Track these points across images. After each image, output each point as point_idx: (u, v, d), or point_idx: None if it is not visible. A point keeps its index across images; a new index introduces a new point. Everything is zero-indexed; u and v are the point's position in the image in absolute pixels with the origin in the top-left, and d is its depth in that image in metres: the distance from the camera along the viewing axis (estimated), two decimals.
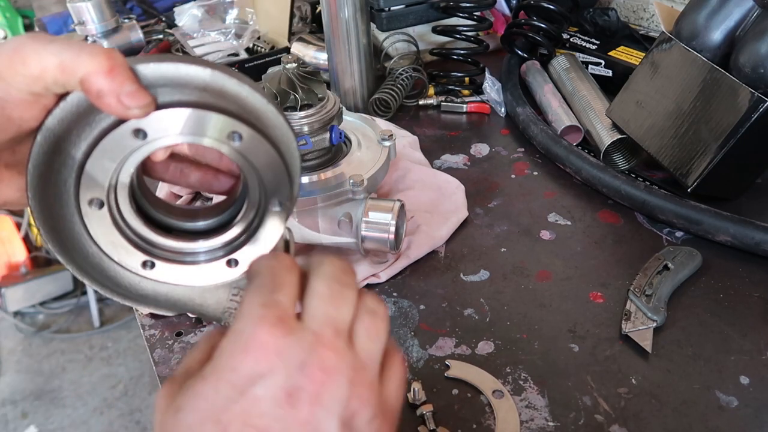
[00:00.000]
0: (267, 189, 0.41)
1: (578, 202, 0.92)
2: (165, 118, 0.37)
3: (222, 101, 0.39)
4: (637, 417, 0.61)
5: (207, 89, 0.38)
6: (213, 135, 0.38)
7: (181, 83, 0.38)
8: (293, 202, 0.43)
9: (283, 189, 0.42)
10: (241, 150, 0.39)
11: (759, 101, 0.77)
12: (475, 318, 0.74)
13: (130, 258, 0.43)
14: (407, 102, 1.20)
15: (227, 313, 0.46)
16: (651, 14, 1.34)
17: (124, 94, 0.35)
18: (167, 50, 1.47)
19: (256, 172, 0.41)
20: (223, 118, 0.38)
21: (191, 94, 0.38)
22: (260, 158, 0.40)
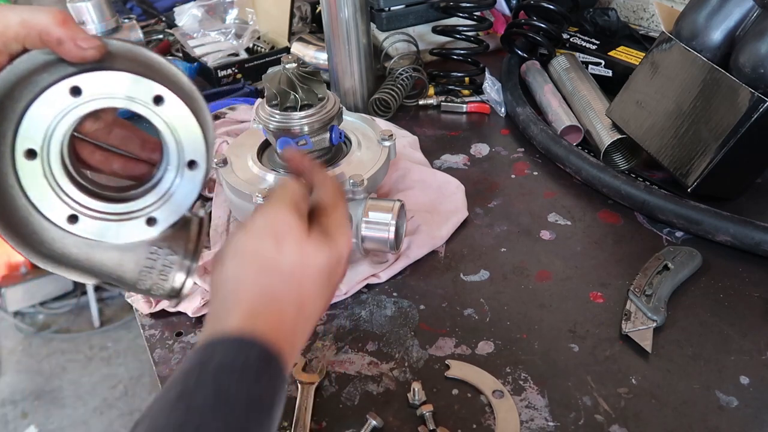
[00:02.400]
0: (184, 150, 0.47)
1: (578, 202, 0.92)
2: (99, 78, 0.43)
3: (148, 71, 0.45)
4: (637, 417, 0.61)
5: (135, 60, 0.46)
6: (140, 97, 0.44)
7: (115, 53, 0.45)
8: (209, 164, 0.49)
9: (198, 150, 0.47)
10: (163, 113, 0.46)
11: (759, 101, 0.77)
12: (475, 318, 0.74)
13: (57, 211, 0.46)
14: (407, 102, 1.20)
15: (144, 272, 0.51)
16: (651, 14, 1.34)
17: (80, 39, 0.43)
18: (167, 50, 1.47)
19: (175, 133, 0.47)
20: (149, 82, 0.44)
21: (122, 63, 0.45)
22: (178, 120, 0.46)
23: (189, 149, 0.47)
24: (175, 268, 0.52)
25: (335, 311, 0.76)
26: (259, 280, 0.46)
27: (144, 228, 0.49)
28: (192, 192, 0.49)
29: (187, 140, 0.47)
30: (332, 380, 0.67)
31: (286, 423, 0.63)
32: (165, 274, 0.52)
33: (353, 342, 0.72)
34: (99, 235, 0.48)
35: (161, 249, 0.51)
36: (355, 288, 0.78)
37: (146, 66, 0.46)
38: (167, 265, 0.51)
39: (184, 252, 0.51)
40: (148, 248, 0.51)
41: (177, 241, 0.51)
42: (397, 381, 0.67)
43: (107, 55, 0.45)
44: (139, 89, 0.44)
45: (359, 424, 0.62)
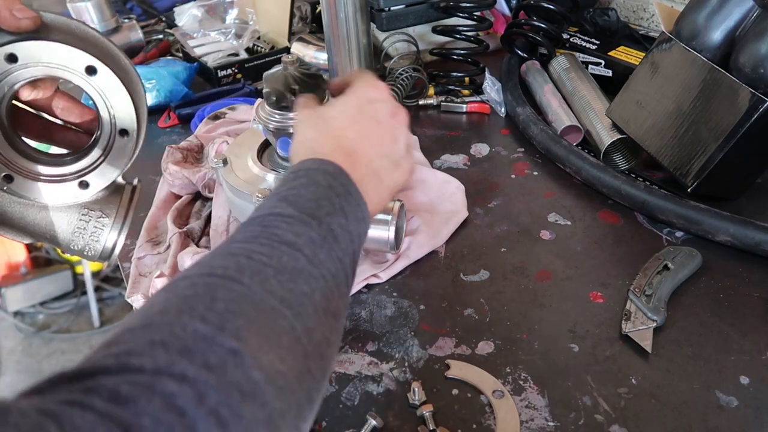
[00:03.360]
0: (116, 119, 0.51)
1: (578, 202, 0.92)
2: (34, 47, 0.46)
3: (84, 44, 0.48)
4: (637, 417, 0.61)
5: (71, 33, 0.49)
6: (74, 67, 0.48)
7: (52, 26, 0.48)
8: (140, 133, 0.52)
9: (129, 119, 0.51)
10: (96, 83, 0.49)
11: (759, 101, 0.77)
12: (475, 318, 0.74)
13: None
14: (407, 102, 1.20)
15: (77, 233, 0.55)
16: (651, 14, 1.34)
17: (16, 10, 0.46)
18: (167, 50, 1.47)
19: (107, 103, 0.50)
20: (82, 53, 0.47)
21: (58, 35, 0.48)
22: (111, 91, 0.50)
23: (120, 118, 0.51)
24: (106, 230, 0.55)
25: None
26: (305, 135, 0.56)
27: (77, 190, 0.53)
28: (122, 159, 0.53)
29: (119, 110, 0.51)
30: (332, 380, 0.67)
31: None
32: (96, 236, 0.55)
33: (353, 342, 0.72)
34: (33, 194, 0.52)
35: (93, 211, 0.55)
36: (355, 288, 0.78)
37: (82, 39, 0.49)
38: (98, 228, 0.55)
39: (115, 215, 0.55)
40: (80, 210, 0.54)
41: (109, 205, 0.55)
42: (397, 381, 0.67)
43: (44, 27, 0.47)
44: (72, 59, 0.47)
45: (359, 424, 0.62)
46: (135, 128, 0.52)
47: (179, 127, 1.19)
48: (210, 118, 1.09)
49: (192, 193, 0.96)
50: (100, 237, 0.55)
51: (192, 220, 0.92)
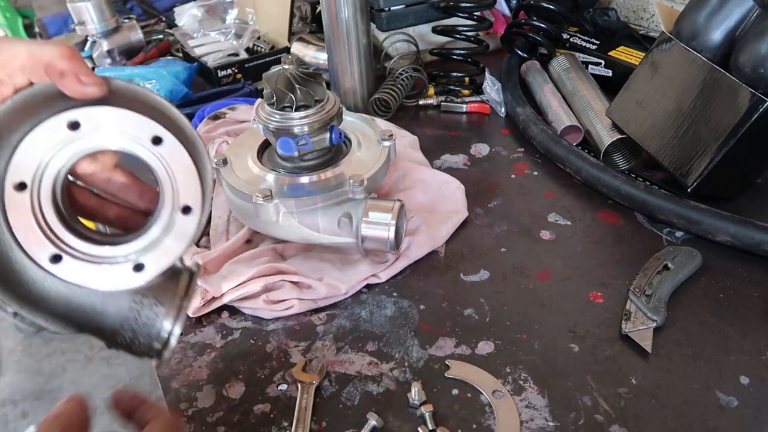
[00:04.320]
0: (179, 194, 0.45)
1: (578, 202, 0.92)
2: (98, 114, 0.42)
3: (149, 111, 0.44)
4: (637, 417, 0.61)
5: (137, 99, 0.45)
6: (139, 135, 0.43)
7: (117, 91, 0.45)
8: (204, 212, 0.46)
9: (194, 195, 0.46)
10: (161, 154, 0.44)
11: (759, 101, 0.77)
12: (475, 318, 0.74)
13: (41, 249, 0.44)
14: (407, 102, 1.20)
15: (125, 323, 0.47)
16: (651, 14, 1.34)
17: (82, 74, 0.42)
18: (167, 50, 1.47)
19: (171, 176, 0.45)
20: (149, 121, 0.43)
21: (124, 102, 0.44)
22: (176, 163, 0.45)
23: (184, 193, 0.46)
24: (160, 321, 0.48)
25: (335, 311, 0.76)
26: None
27: (130, 275, 0.46)
28: (184, 239, 0.46)
29: (184, 184, 0.45)
30: (332, 380, 0.67)
31: (286, 423, 0.63)
32: (148, 327, 0.48)
33: (353, 342, 0.72)
34: (82, 278, 0.45)
35: (146, 299, 0.48)
36: (355, 288, 0.78)
37: (148, 106, 0.45)
38: (151, 317, 0.48)
39: (170, 305, 0.48)
40: (132, 297, 0.48)
41: (164, 293, 0.48)
42: (397, 381, 0.67)
43: (109, 93, 0.44)
44: (138, 128, 0.43)
45: (359, 424, 0.62)
46: (200, 205, 0.46)
47: None
48: (210, 118, 1.09)
49: None
50: (152, 328, 0.48)
51: None
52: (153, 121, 0.44)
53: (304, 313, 0.76)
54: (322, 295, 0.76)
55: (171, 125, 0.45)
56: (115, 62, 1.39)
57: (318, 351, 0.71)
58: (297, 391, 0.66)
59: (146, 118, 0.43)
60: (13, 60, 0.42)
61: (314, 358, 0.70)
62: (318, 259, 0.82)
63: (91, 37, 1.38)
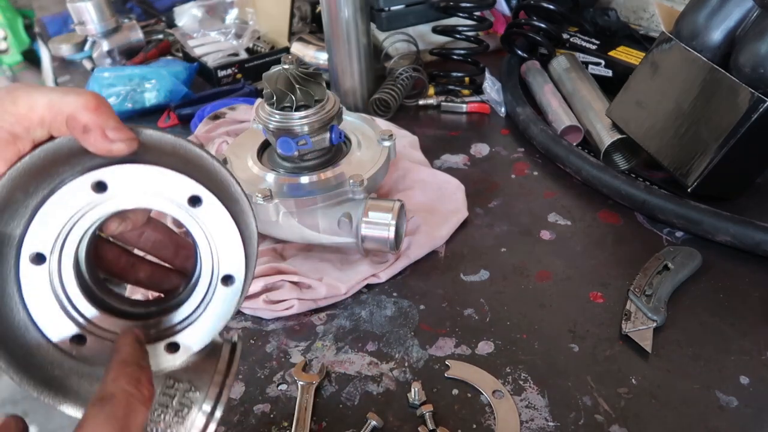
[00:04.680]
0: (220, 261, 0.40)
1: (578, 202, 0.92)
2: (128, 173, 0.37)
3: (186, 167, 0.39)
4: (637, 417, 0.61)
5: (173, 154, 0.39)
6: (174, 196, 0.38)
7: (150, 145, 0.39)
8: (248, 281, 0.41)
9: (237, 263, 0.40)
10: (200, 216, 0.38)
11: (759, 101, 0.77)
12: (475, 318, 0.74)
13: (60, 329, 0.39)
14: (407, 102, 1.20)
15: (156, 412, 0.41)
16: (651, 14, 1.34)
17: (110, 129, 0.36)
18: (167, 50, 1.47)
19: (211, 241, 0.39)
20: (186, 179, 0.38)
21: (157, 156, 0.38)
22: (217, 226, 0.39)
23: (226, 261, 0.40)
24: (195, 410, 0.41)
25: (335, 311, 0.76)
26: None
27: (163, 355, 0.41)
28: (225, 313, 0.41)
29: (225, 250, 0.39)
30: (332, 380, 0.67)
31: (286, 423, 0.63)
32: (182, 416, 0.41)
33: (353, 342, 0.72)
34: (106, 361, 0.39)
35: (180, 383, 0.42)
36: (355, 288, 0.78)
37: (185, 161, 0.39)
38: (186, 405, 0.41)
39: (208, 388, 0.41)
40: (164, 380, 0.41)
41: (201, 374, 0.42)
42: (397, 381, 0.67)
43: (140, 146, 0.38)
44: (173, 187, 0.38)
45: (359, 424, 0.62)
46: (243, 274, 0.40)
47: (179, 127, 1.19)
48: (210, 118, 1.09)
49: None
50: (187, 418, 0.41)
51: None
52: (190, 179, 0.38)
53: (304, 313, 0.76)
54: (322, 295, 0.76)
55: (212, 182, 0.39)
56: (115, 62, 1.39)
57: (318, 351, 0.71)
58: (297, 391, 0.66)
59: (182, 177, 0.38)
60: (31, 112, 0.37)
61: (314, 358, 0.70)
62: (318, 259, 0.82)
63: (91, 37, 1.39)
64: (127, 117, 1.22)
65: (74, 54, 1.48)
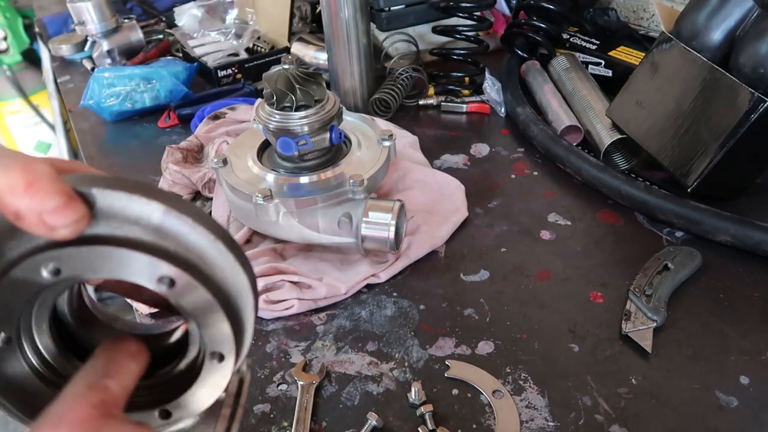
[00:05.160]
0: (207, 341, 0.35)
1: (578, 202, 0.92)
2: (82, 255, 0.31)
3: (156, 236, 0.33)
4: (637, 417, 0.61)
5: (139, 223, 0.32)
6: (139, 278, 0.32)
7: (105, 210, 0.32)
8: (240, 355, 0.36)
9: (226, 343, 0.35)
10: (174, 296, 0.33)
11: (759, 101, 0.77)
12: (475, 318, 0.74)
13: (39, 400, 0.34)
14: (407, 102, 1.20)
15: None
16: (651, 14, 1.34)
17: (48, 211, 0.29)
18: (167, 50, 1.47)
19: (195, 319, 0.34)
20: (149, 259, 0.31)
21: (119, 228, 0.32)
22: (197, 306, 0.33)
23: (211, 340, 0.35)
24: None
25: (335, 311, 0.76)
26: None
27: (156, 422, 0.37)
28: (215, 387, 0.36)
29: (209, 329, 0.34)
30: (332, 380, 0.67)
31: (286, 423, 0.63)
32: None
33: (353, 342, 0.72)
34: None
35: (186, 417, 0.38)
36: (355, 288, 0.78)
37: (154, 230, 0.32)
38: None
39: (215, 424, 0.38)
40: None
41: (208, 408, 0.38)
42: (397, 381, 0.67)
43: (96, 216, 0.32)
44: (138, 269, 0.32)
45: (359, 424, 0.62)
46: (233, 352, 0.35)
47: (179, 127, 1.19)
48: (210, 118, 1.09)
49: (192, 193, 0.96)
50: None
51: None
52: (158, 260, 0.31)
53: (304, 313, 0.76)
54: (322, 295, 0.76)
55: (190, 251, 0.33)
56: (115, 62, 1.39)
57: (318, 351, 0.71)
58: (297, 391, 0.66)
59: (147, 257, 0.31)
60: None
61: (314, 358, 0.70)
62: (318, 259, 0.82)
63: (91, 37, 1.39)
64: (127, 117, 1.22)
65: (74, 54, 1.48)
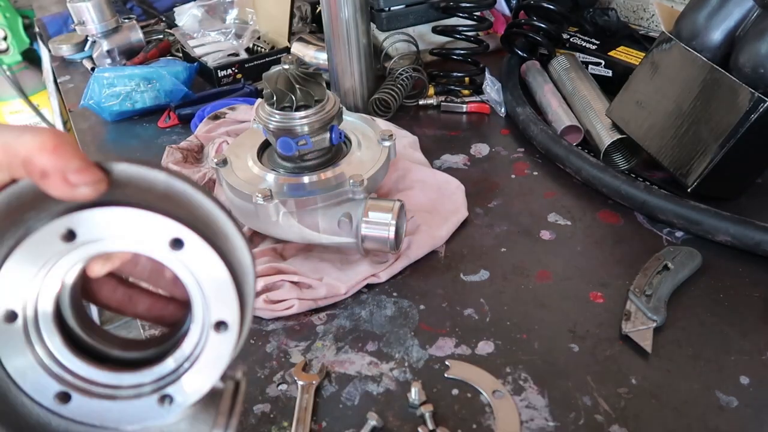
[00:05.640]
0: (210, 307, 0.36)
1: (578, 202, 0.92)
2: (98, 218, 0.33)
3: (168, 204, 0.34)
4: (637, 417, 0.61)
5: (151, 189, 0.34)
6: (153, 239, 0.34)
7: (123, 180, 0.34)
8: (244, 326, 0.37)
9: (228, 307, 0.36)
10: (185, 259, 0.34)
11: (759, 101, 0.77)
12: (475, 318, 0.74)
13: (43, 387, 0.35)
14: (407, 102, 1.20)
15: None
16: (651, 14, 1.34)
17: (71, 171, 0.31)
18: (167, 50, 1.47)
19: (200, 285, 0.35)
20: (166, 220, 0.33)
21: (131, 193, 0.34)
22: (204, 269, 0.35)
23: (216, 306, 0.36)
24: None
25: (335, 311, 0.76)
26: None
27: (155, 409, 0.37)
28: (218, 363, 0.37)
29: (215, 295, 0.35)
30: (332, 380, 0.67)
31: (286, 423, 0.63)
32: None
33: (353, 342, 0.72)
34: (96, 418, 0.37)
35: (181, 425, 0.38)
36: (355, 288, 0.78)
37: (164, 196, 0.35)
38: None
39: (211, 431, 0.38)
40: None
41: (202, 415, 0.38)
42: (397, 381, 0.67)
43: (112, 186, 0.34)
44: (151, 231, 0.33)
45: (359, 424, 0.62)
46: (237, 319, 0.36)
47: (179, 127, 1.19)
48: (210, 118, 1.09)
49: None
50: None
51: None
52: (170, 220, 0.33)
53: (304, 313, 0.76)
54: (322, 295, 0.76)
55: (197, 218, 0.35)
56: (115, 62, 1.39)
57: (318, 351, 0.71)
58: (297, 391, 0.66)
59: (160, 217, 0.33)
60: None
61: (314, 358, 0.70)
62: (318, 259, 0.82)
63: (91, 37, 1.39)
64: (127, 117, 1.22)
65: (74, 54, 1.48)
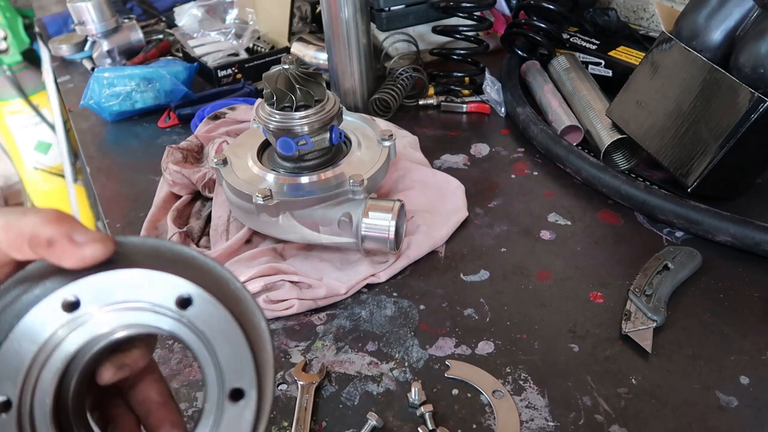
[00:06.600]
0: (224, 374, 0.33)
1: (578, 202, 0.92)
2: (101, 283, 0.31)
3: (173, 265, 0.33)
4: (637, 417, 0.61)
5: (158, 255, 0.34)
6: (159, 301, 0.32)
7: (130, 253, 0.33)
8: (265, 395, 0.33)
9: (244, 372, 0.32)
10: (193, 319, 0.32)
11: (759, 101, 0.77)
12: (475, 318, 0.74)
13: None
14: (407, 102, 1.20)
15: None
16: (651, 14, 1.34)
17: (76, 233, 0.31)
18: (167, 50, 1.47)
19: (210, 351, 0.32)
20: (169, 277, 0.32)
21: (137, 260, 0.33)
22: (215, 330, 0.32)
23: (231, 372, 0.32)
24: None
25: (335, 311, 0.76)
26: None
27: None
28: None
29: (229, 359, 0.32)
30: (332, 380, 0.67)
31: (286, 423, 0.63)
32: None
33: (353, 342, 0.72)
34: None
35: None
36: (355, 288, 0.78)
37: (171, 260, 0.34)
38: None
39: None
40: None
41: None
42: (397, 381, 0.67)
43: (117, 254, 0.32)
44: (157, 290, 0.32)
45: (359, 424, 0.62)
46: (254, 385, 0.33)
47: (179, 127, 1.19)
48: (210, 118, 1.09)
49: (192, 193, 0.96)
50: None
51: (192, 220, 0.92)
52: (176, 277, 0.32)
53: (304, 313, 0.76)
54: (322, 295, 0.76)
55: (204, 279, 0.33)
56: (115, 62, 1.39)
57: (318, 351, 0.71)
58: (297, 391, 0.66)
59: (166, 275, 0.32)
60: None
61: (314, 358, 0.70)
62: (318, 259, 0.82)
63: (91, 37, 1.39)
64: (127, 117, 1.22)
65: (74, 54, 1.48)
